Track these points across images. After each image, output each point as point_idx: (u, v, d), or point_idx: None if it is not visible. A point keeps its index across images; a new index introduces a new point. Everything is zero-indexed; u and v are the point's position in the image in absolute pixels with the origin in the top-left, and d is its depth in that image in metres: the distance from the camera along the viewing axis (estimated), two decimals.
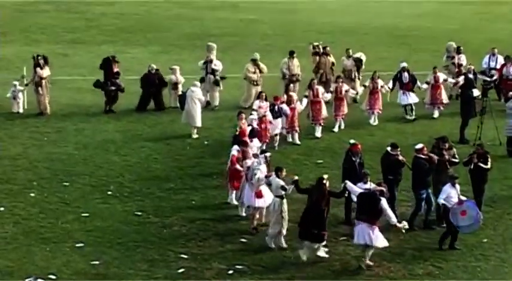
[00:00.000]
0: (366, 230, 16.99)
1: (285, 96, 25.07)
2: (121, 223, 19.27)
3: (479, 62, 29.92)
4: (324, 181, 17.42)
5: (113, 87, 27.94)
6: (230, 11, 50.20)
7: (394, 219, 17.31)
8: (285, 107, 24.31)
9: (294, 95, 25.42)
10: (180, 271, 16.87)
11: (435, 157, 19.44)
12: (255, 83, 28.47)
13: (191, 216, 19.65)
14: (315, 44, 29.81)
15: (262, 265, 17.22)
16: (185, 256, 17.52)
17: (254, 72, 28.53)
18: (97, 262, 17.18)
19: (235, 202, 20.00)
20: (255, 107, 23.33)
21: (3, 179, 21.96)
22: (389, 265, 17.34)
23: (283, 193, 17.90)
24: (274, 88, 27.64)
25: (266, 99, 23.74)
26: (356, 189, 17.71)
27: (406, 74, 27.20)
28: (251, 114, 23.02)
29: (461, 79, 27.61)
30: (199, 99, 25.63)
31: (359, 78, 28.81)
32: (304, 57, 30.04)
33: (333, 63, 29.25)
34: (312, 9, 51.40)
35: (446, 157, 19.66)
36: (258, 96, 23.73)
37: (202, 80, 28.33)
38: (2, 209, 19.98)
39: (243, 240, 18.38)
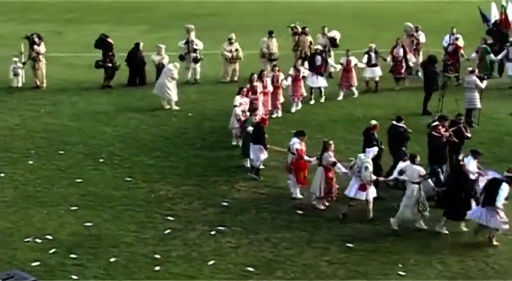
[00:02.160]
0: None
1: (263, 79, 23.94)
2: (112, 188, 19.20)
3: (440, 41, 29.94)
4: (462, 163, 16.99)
5: (111, 64, 27.80)
6: None
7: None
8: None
9: (281, 75, 24.89)
10: (167, 232, 16.85)
11: (447, 134, 18.85)
12: (230, 60, 28.49)
13: (176, 182, 19.61)
14: (292, 25, 29.75)
15: (242, 226, 17.22)
16: (171, 218, 17.50)
17: (230, 51, 28.44)
18: (90, 224, 17.12)
19: (299, 196, 18.63)
20: (236, 103, 21.76)
21: (3, 148, 21.84)
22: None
23: (419, 179, 17.06)
24: (252, 66, 27.53)
25: (247, 95, 22.36)
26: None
27: (318, 57, 26.32)
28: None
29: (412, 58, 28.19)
30: (172, 77, 25.43)
31: (329, 56, 28.69)
32: (281, 36, 29.94)
33: (310, 42, 29.25)
34: None
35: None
36: (239, 91, 22.17)
37: (181, 58, 28.28)
38: (2, 175, 19.88)
39: (224, 204, 18.36)
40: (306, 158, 18.54)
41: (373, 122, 19.38)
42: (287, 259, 15.79)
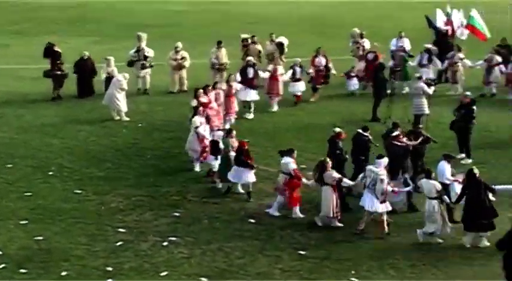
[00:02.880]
0: None
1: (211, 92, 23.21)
2: (61, 200, 18.95)
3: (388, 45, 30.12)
4: (476, 173, 16.72)
5: (59, 72, 27.49)
6: (162, 3, 49.82)
7: None
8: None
9: (235, 85, 24.65)
10: (118, 244, 16.67)
11: (410, 143, 19.02)
12: (175, 68, 28.34)
13: (127, 193, 19.43)
14: (244, 36, 29.66)
15: (194, 236, 17.12)
16: (122, 230, 17.32)
17: (175, 59, 28.34)
18: (40, 238, 16.86)
19: (300, 215, 18.13)
20: (197, 124, 20.80)
21: None
22: None
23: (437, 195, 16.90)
24: (202, 75, 27.45)
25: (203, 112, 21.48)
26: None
27: (251, 70, 25.89)
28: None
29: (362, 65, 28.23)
30: (121, 88, 25.25)
31: (283, 61, 28.68)
32: (231, 45, 29.90)
33: (259, 51, 29.26)
34: (235, 1, 51.35)
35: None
36: (195, 111, 21.26)
37: (130, 64, 28.11)
38: None
39: (176, 214, 18.24)
40: (304, 180, 18.18)
41: (337, 129, 19.29)
42: (240, 268, 15.73)
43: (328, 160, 17.80)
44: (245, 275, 15.45)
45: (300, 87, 27.31)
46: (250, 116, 25.68)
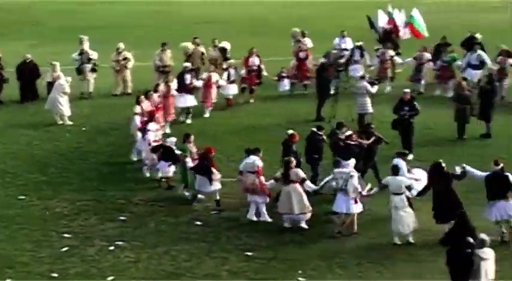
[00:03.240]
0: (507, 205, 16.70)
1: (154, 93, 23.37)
2: (5, 207, 18.70)
3: (330, 46, 30.29)
4: (443, 165, 16.96)
5: None
6: (107, 4, 49.46)
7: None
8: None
9: (172, 85, 24.60)
10: (64, 249, 16.51)
11: (364, 142, 19.32)
12: (118, 70, 28.16)
13: (72, 198, 19.25)
14: (184, 45, 29.41)
15: (141, 240, 17.03)
16: (68, 236, 17.16)
17: (117, 61, 28.14)
18: None
19: (269, 219, 17.94)
20: (151, 128, 20.64)
21: None
22: None
23: (405, 190, 17.00)
24: (147, 77, 27.32)
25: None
26: (478, 172, 17.24)
27: (187, 76, 25.56)
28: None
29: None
30: (63, 92, 24.98)
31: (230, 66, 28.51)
32: (176, 48, 29.74)
33: (202, 53, 29.11)
34: (181, 2, 51.20)
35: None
36: (152, 118, 21.01)
37: (79, 72, 27.86)
38: None
39: (122, 218, 18.13)
40: (262, 178, 18.03)
41: (290, 132, 19.28)
42: (187, 271, 15.71)
43: (291, 158, 17.80)
44: (192, 278, 15.44)
45: (232, 90, 27.12)
46: (188, 121, 25.37)
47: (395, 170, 17.29)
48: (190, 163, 19.03)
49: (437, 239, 15.66)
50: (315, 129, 19.86)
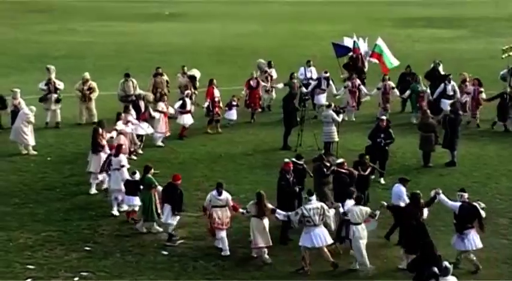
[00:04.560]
0: (475, 235, 16.84)
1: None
2: None
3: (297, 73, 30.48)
4: (420, 196, 17.01)
5: None
6: (68, 34, 49.44)
7: None
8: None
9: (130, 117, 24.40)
10: None
11: (355, 171, 19.40)
12: (82, 99, 28.16)
13: (37, 228, 19.08)
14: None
15: (106, 270, 16.93)
16: (32, 267, 17.00)
17: (82, 90, 28.12)
18: None
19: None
20: (123, 163, 20.23)
21: None
22: None
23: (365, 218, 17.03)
24: (113, 106, 27.29)
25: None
26: (450, 202, 17.21)
27: (142, 103, 25.80)
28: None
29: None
30: (28, 121, 24.78)
31: (195, 94, 28.60)
32: (138, 76, 29.73)
33: (167, 81, 29.24)
34: (142, 31, 51.37)
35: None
36: (118, 150, 20.51)
37: (43, 100, 27.80)
38: None
39: (87, 248, 18.02)
40: (240, 210, 17.94)
41: (286, 160, 19.13)
42: None
43: (262, 191, 17.69)
44: None
45: (187, 119, 26.91)
46: (140, 151, 24.88)
47: (358, 200, 17.34)
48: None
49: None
50: (294, 159, 19.77)
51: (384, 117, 23.79)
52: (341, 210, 17.57)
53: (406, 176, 19.94)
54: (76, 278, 16.50)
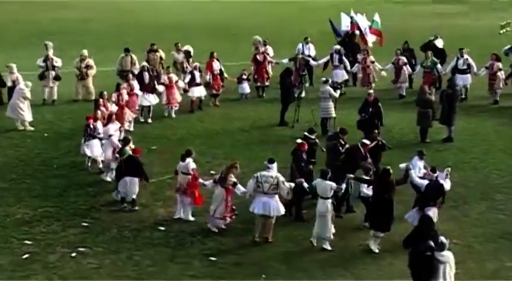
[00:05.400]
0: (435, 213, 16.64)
1: (115, 95, 23.84)
2: None
3: (293, 51, 30.41)
4: (391, 172, 16.71)
5: None
6: (67, 10, 49.22)
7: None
8: (99, 126, 21.24)
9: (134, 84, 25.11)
10: (25, 256, 16.36)
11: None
12: (80, 77, 28.10)
13: (34, 204, 19.09)
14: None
15: (103, 246, 16.94)
16: (29, 242, 17.01)
17: (79, 68, 28.05)
18: None
19: (191, 218, 18.24)
20: (111, 132, 20.63)
21: None
22: None
23: (331, 194, 16.90)
24: (111, 82, 27.19)
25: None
26: (419, 179, 17.17)
27: (146, 74, 26.06)
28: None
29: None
30: (24, 97, 24.76)
31: (196, 68, 28.46)
32: (136, 53, 29.66)
33: (161, 58, 29.19)
34: (142, 7, 51.17)
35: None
36: (109, 119, 21.11)
37: (42, 77, 27.71)
38: None
39: (84, 224, 18.03)
40: (200, 180, 18.17)
41: (299, 141, 18.88)
42: (150, 277, 15.67)
43: (237, 164, 17.75)
44: None
45: (198, 92, 27.15)
46: (149, 120, 25.68)
47: (324, 174, 17.04)
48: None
49: (397, 242, 15.79)
50: (306, 133, 19.74)
51: (371, 92, 23.70)
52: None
53: (403, 151, 19.95)
54: (73, 254, 16.51)
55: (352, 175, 17.66)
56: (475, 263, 16.27)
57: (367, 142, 19.12)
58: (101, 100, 22.55)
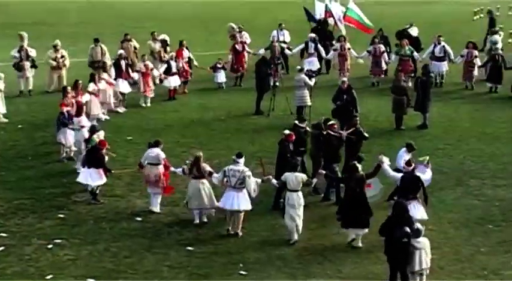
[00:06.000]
0: (417, 206, 16.29)
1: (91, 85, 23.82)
2: None
3: (268, 39, 30.42)
4: (358, 167, 16.43)
5: None
6: (39, 0, 48.91)
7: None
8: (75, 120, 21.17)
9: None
10: (0, 249, 16.28)
11: (344, 134, 19.03)
12: (55, 68, 27.96)
13: (9, 196, 18.97)
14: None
15: (80, 237, 16.89)
16: (4, 235, 16.90)
17: (55, 58, 27.92)
18: None
19: (158, 210, 18.17)
20: (83, 123, 20.77)
21: None
22: None
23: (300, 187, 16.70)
24: (81, 73, 27.08)
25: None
26: (392, 172, 16.75)
27: (123, 62, 26.26)
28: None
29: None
30: None
31: (172, 58, 28.46)
32: (111, 43, 29.57)
33: (135, 47, 29.17)
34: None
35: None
36: (79, 112, 21.17)
37: (19, 68, 27.51)
38: None
39: (60, 216, 17.95)
40: (172, 169, 18.20)
41: (286, 132, 18.63)
42: (128, 268, 15.62)
43: (200, 153, 17.69)
44: (133, 274, 15.35)
45: (174, 81, 27.36)
46: (123, 109, 25.80)
47: (294, 167, 16.96)
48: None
49: (374, 231, 15.85)
50: (296, 121, 19.68)
51: (345, 79, 23.75)
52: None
53: (378, 138, 19.93)
54: (49, 246, 16.44)
55: (324, 171, 17.56)
56: (450, 248, 16.40)
57: (332, 121, 19.16)
58: (69, 88, 22.36)
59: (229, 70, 29.16)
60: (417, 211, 16.24)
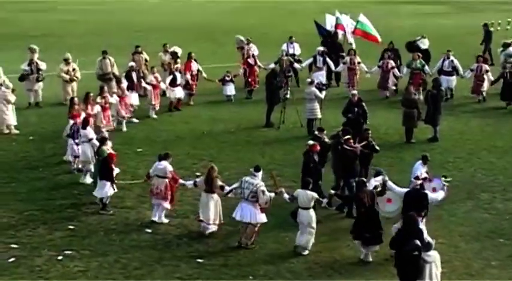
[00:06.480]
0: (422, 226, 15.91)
1: (99, 98, 23.93)
2: None
3: (278, 52, 30.52)
4: (364, 184, 16.47)
5: None
6: (48, 12, 49.13)
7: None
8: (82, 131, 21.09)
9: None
10: (11, 260, 16.37)
11: (359, 147, 19.07)
12: (68, 81, 28.08)
13: (19, 208, 19.08)
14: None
15: (90, 249, 16.96)
16: (15, 246, 17.00)
17: (67, 72, 28.09)
18: None
19: (166, 220, 18.38)
20: (91, 135, 20.65)
21: None
22: None
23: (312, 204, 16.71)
24: (90, 85, 27.24)
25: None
26: (398, 188, 16.76)
27: (134, 74, 26.62)
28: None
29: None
30: (6, 100, 24.81)
31: (177, 69, 28.64)
32: (120, 55, 29.72)
33: (146, 60, 29.36)
34: (124, 9, 51.16)
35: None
36: (85, 123, 20.95)
37: (22, 79, 27.68)
38: None
39: (70, 227, 18.04)
40: (181, 181, 18.31)
41: (311, 142, 18.77)
42: (138, 279, 15.69)
43: (214, 167, 17.76)
44: None
45: (179, 93, 27.55)
46: (135, 120, 26.04)
47: (306, 184, 16.92)
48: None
49: (385, 244, 15.89)
50: (316, 132, 19.80)
51: (355, 92, 23.80)
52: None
53: (389, 151, 19.97)
54: (60, 257, 16.53)
55: (333, 191, 17.60)
56: (460, 262, 16.42)
57: (348, 136, 19.11)
58: (76, 99, 22.78)
59: (243, 84, 29.22)
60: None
